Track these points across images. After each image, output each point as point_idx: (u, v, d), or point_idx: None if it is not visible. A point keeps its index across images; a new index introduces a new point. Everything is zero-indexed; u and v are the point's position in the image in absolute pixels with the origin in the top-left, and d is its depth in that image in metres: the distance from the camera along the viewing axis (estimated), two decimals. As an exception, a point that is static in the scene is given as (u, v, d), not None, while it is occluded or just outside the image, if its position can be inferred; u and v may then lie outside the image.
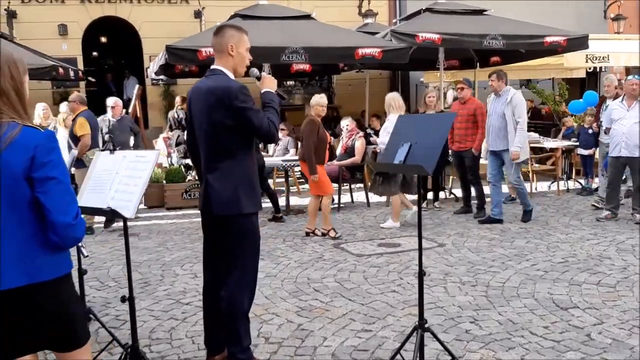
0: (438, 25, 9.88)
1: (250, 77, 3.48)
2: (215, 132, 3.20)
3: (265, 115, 3.21)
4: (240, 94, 3.13)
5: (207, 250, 3.45)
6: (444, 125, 3.17)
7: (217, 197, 3.21)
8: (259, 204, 3.37)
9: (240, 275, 3.28)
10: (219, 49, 3.30)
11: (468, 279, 5.12)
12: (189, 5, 14.25)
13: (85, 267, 5.74)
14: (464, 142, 7.84)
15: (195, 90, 3.34)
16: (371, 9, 14.63)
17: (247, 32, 3.39)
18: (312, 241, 6.64)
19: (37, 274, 2.00)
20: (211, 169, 3.25)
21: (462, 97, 7.95)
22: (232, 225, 3.24)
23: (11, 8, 13.11)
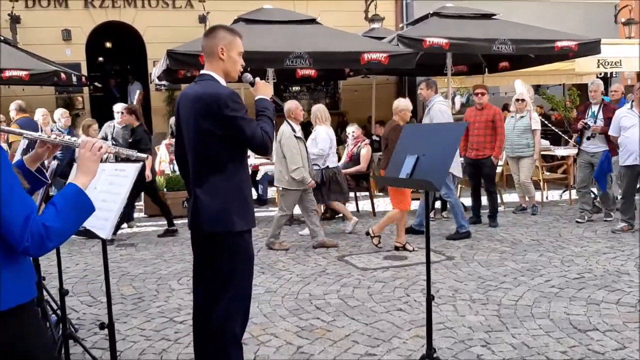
0: (446, 30, 9.65)
1: (244, 82, 3.23)
2: (204, 142, 2.94)
3: (258, 124, 2.96)
4: (230, 102, 2.87)
5: (197, 269, 3.18)
6: (454, 136, 2.90)
7: (206, 212, 2.95)
8: (253, 220, 3.09)
9: (231, 298, 3.01)
10: (208, 51, 3.05)
11: (478, 297, 4.84)
12: (194, 10, 14.06)
13: (77, 280, 5.58)
14: (483, 149, 7.57)
15: (183, 96, 3.09)
16: (378, 13, 14.42)
17: (240, 35, 3.13)
18: (315, 253, 6.39)
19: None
20: (200, 182, 3.00)
21: (481, 103, 7.66)
22: (222, 243, 2.97)
23: (15, 13, 12.95)
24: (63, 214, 1.82)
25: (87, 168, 1.99)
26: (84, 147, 2.00)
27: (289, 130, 6.54)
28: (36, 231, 1.75)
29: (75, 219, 1.88)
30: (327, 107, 15.53)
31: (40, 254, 1.80)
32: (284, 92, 15.29)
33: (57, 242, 1.81)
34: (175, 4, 14.06)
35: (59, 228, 1.79)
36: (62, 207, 1.83)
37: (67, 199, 1.87)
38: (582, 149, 7.64)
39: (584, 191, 7.71)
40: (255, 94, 3.15)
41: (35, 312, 1.94)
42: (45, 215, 1.79)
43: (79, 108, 13.98)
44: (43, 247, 1.77)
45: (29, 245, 1.74)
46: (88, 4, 13.60)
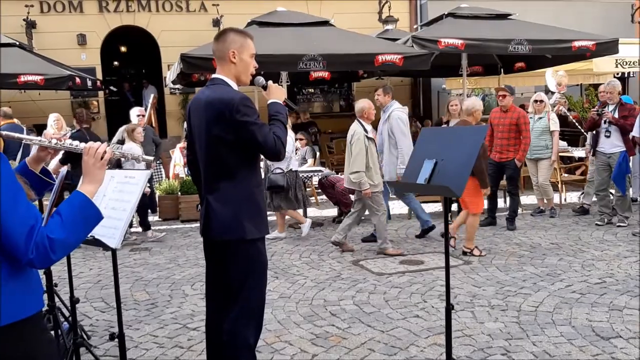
0: (461, 31, 9.53)
1: (256, 86, 3.16)
2: (215, 148, 2.87)
3: (270, 129, 2.88)
4: (241, 106, 2.80)
5: (209, 277, 3.11)
6: (475, 140, 2.80)
7: (218, 220, 2.88)
8: (265, 227, 3.01)
9: (244, 307, 2.94)
10: (219, 55, 2.98)
11: (497, 302, 4.74)
12: (208, 13, 14.07)
13: (91, 285, 5.55)
14: (506, 152, 7.45)
15: (194, 101, 3.02)
16: (392, 15, 14.32)
17: (252, 37, 3.05)
18: (330, 258, 6.31)
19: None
20: (211, 188, 2.93)
21: (504, 105, 7.54)
22: (234, 251, 2.90)
23: (30, 18, 13.04)
24: (68, 224, 1.75)
25: (92, 176, 1.92)
26: (87, 154, 1.92)
27: (360, 131, 6.32)
28: (41, 243, 1.68)
29: (81, 230, 1.81)
30: (341, 109, 15.63)
31: (45, 266, 1.74)
32: (298, 94, 15.25)
33: (62, 254, 1.74)
34: (189, 8, 14.09)
35: (64, 239, 1.72)
36: (68, 217, 1.76)
37: (72, 208, 1.80)
38: (598, 151, 7.50)
39: (602, 194, 7.57)
40: (267, 97, 3.08)
41: (43, 324, 1.89)
42: (50, 226, 1.72)
43: (94, 112, 14.04)
44: (48, 259, 1.70)
45: (34, 257, 1.68)
46: (103, 9, 13.67)
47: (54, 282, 3.99)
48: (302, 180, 7.73)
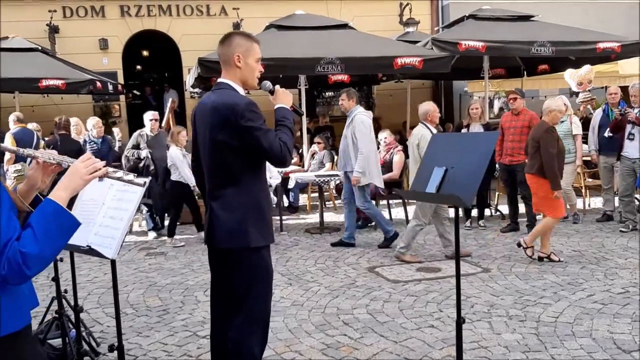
0: (482, 33, 9.41)
1: (263, 91, 3.10)
2: (220, 153, 2.81)
3: (276, 135, 2.81)
4: (247, 112, 2.73)
5: (214, 285, 3.06)
6: (486, 147, 2.69)
7: (222, 227, 2.82)
8: (271, 235, 2.94)
9: (248, 316, 2.87)
10: (224, 59, 2.92)
11: (516, 313, 4.59)
12: (228, 17, 14.07)
13: (104, 290, 5.54)
14: (517, 155, 7.33)
15: (200, 106, 2.97)
16: (413, 17, 14.20)
17: (258, 41, 2.99)
18: (345, 264, 6.21)
19: None
20: (215, 195, 2.87)
21: (515, 108, 7.42)
22: (238, 259, 2.84)
23: (53, 23, 13.18)
24: (41, 236, 1.65)
25: (72, 183, 1.80)
26: (83, 161, 1.83)
27: (428, 134, 6.18)
28: (13, 259, 1.60)
29: (56, 240, 1.70)
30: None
31: (20, 282, 1.66)
32: (317, 97, 15.18)
33: (38, 268, 1.66)
34: (209, 12, 14.12)
35: (37, 253, 1.63)
36: (40, 229, 1.66)
37: (45, 219, 1.69)
38: (623, 155, 7.31)
39: (627, 199, 7.37)
40: (274, 102, 3.01)
41: (30, 338, 1.82)
42: (22, 240, 1.64)
43: (116, 116, 14.16)
44: (22, 275, 1.62)
45: (5, 274, 1.60)
46: (124, 13, 13.77)
47: (64, 289, 3.98)
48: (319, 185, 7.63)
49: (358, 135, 6.65)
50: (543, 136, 5.95)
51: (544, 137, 5.94)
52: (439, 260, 6.27)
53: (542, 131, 6.01)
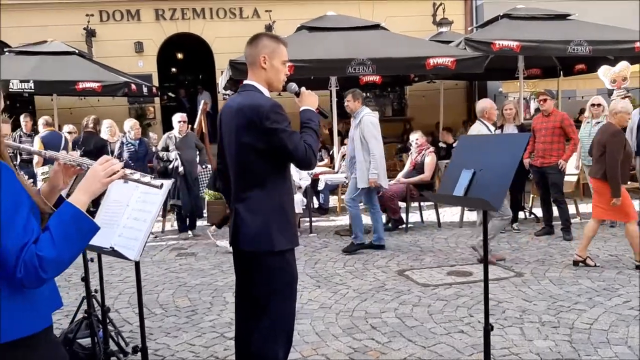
0: (517, 32, 9.24)
1: (288, 92, 3.08)
2: (245, 156, 2.80)
3: (301, 137, 2.78)
4: (272, 113, 2.71)
5: (238, 288, 3.05)
6: (516, 148, 2.61)
7: (246, 230, 2.81)
8: (295, 239, 2.92)
9: (272, 320, 2.85)
10: (251, 61, 2.91)
11: (549, 319, 4.47)
12: (260, 19, 14.14)
13: (135, 290, 5.58)
14: (549, 157, 7.18)
15: (226, 108, 2.96)
16: (446, 17, 14.03)
17: (285, 43, 2.97)
18: (375, 267, 6.15)
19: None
20: (240, 197, 2.86)
21: (545, 110, 7.27)
22: (262, 263, 2.82)
23: (90, 27, 13.45)
24: (59, 240, 1.65)
25: (91, 187, 1.80)
26: (101, 164, 1.83)
27: (485, 131, 6.13)
28: (30, 262, 1.60)
29: (75, 244, 1.70)
30: (393, 113, 15.41)
31: (36, 286, 1.65)
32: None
33: (55, 272, 1.66)
34: (242, 14, 14.21)
35: (54, 257, 1.63)
36: (58, 232, 1.66)
37: (63, 223, 1.69)
38: None
39: None
40: (300, 104, 2.99)
41: (50, 341, 1.82)
42: (39, 244, 1.63)
43: (150, 118, 14.36)
44: (38, 278, 1.62)
45: (22, 277, 1.60)
46: (159, 17, 13.96)
47: (95, 288, 4.03)
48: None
49: (368, 137, 6.63)
50: (610, 140, 5.63)
51: (611, 141, 5.62)
52: (471, 264, 6.16)
53: (609, 134, 5.70)
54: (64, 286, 5.77)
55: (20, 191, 1.67)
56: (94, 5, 13.49)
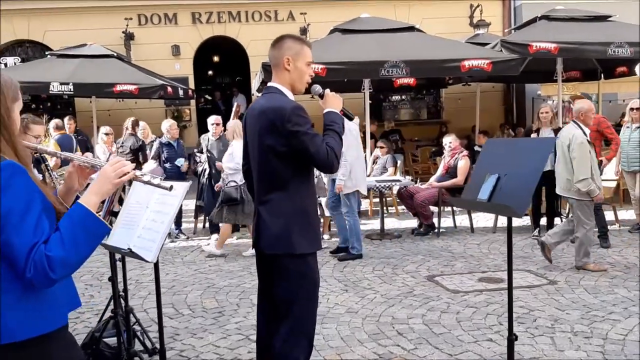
0: (555, 34, 9.02)
1: (312, 95, 3.06)
2: (267, 158, 2.80)
3: (323, 140, 2.76)
4: (294, 116, 2.70)
5: (260, 291, 3.05)
6: (541, 154, 2.53)
7: (267, 232, 2.81)
8: (317, 242, 2.90)
9: (292, 325, 2.83)
10: (274, 62, 2.91)
11: (581, 329, 4.33)
12: (295, 22, 14.19)
13: (165, 290, 5.65)
14: None
15: (250, 110, 2.98)
16: (483, 18, 13.83)
17: (309, 45, 2.95)
18: (404, 272, 6.08)
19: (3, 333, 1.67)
20: (263, 200, 2.86)
21: None
22: (283, 266, 2.81)
23: (129, 30, 13.71)
24: (68, 241, 1.66)
25: (102, 188, 1.81)
26: (111, 165, 1.84)
27: (580, 134, 5.87)
28: (39, 262, 1.62)
29: (83, 245, 1.70)
30: (428, 116, 15.25)
31: (46, 285, 1.67)
32: (383, 101, 15.04)
33: (63, 273, 1.66)
34: (277, 17, 14.29)
35: (62, 258, 1.64)
36: (67, 233, 1.67)
37: (73, 224, 1.70)
38: None
39: None
40: (324, 106, 2.96)
41: (65, 341, 1.84)
42: (49, 244, 1.65)
43: (186, 120, 14.55)
44: (47, 278, 1.63)
45: (32, 276, 1.62)
46: (195, 20, 14.14)
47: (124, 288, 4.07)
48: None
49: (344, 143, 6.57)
50: None
51: None
52: (503, 271, 6.02)
53: None
54: (96, 285, 5.88)
55: (32, 192, 1.69)
56: (133, 9, 13.75)
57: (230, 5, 14.09)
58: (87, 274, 6.31)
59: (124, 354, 3.44)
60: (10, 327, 1.67)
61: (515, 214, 2.35)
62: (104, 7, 13.50)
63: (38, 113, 11.58)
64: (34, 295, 1.71)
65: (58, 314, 1.80)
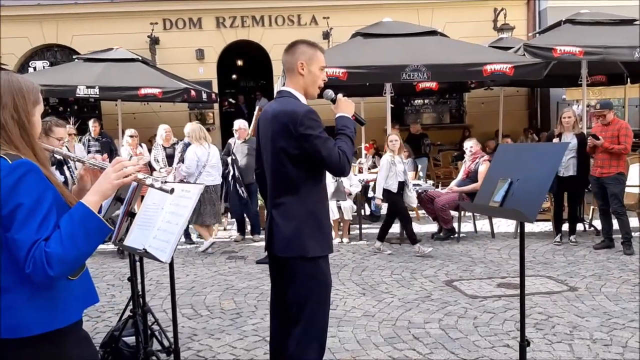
0: (579, 37, 8.93)
1: (325, 99, 3.09)
2: (280, 162, 2.83)
3: (335, 144, 2.78)
4: (306, 119, 2.73)
5: (273, 294, 3.08)
6: (554, 159, 2.53)
7: (279, 235, 2.84)
8: (328, 246, 2.91)
9: (305, 327, 2.85)
10: (288, 67, 2.95)
11: (601, 336, 4.28)
12: (318, 26, 14.23)
13: (184, 291, 5.72)
14: (608, 167, 6.90)
15: (263, 114, 3.01)
16: (507, 22, 13.71)
17: (322, 50, 2.99)
18: (422, 276, 6.06)
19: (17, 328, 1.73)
20: (276, 203, 2.89)
21: (605, 119, 7.01)
22: (294, 268, 2.84)
23: (154, 35, 13.89)
24: (66, 238, 1.70)
25: (102, 188, 1.84)
26: (113, 166, 1.88)
27: None
28: (38, 258, 1.66)
29: (82, 243, 1.73)
30: (450, 121, 15.14)
31: (45, 282, 1.70)
32: (406, 105, 15.00)
33: (62, 270, 1.69)
34: (300, 21, 14.34)
35: (60, 254, 1.67)
36: (66, 231, 1.71)
37: (72, 221, 1.74)
38: None
39: None
40: (336, 111, 2.99)
41: (78, 337, 1.89)
42: (49, 241, 1.69)
43: (210, 123, 14.67)
44: (45, 275, 1.66)
45: (30, 272, 1.66)
46: (219, 25, 14.26)
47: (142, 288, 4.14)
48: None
49: None
50: None
51: None
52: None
53: None
54: (117, 285, 5.98)
55: (44, 189, 1.74)
56: (159, 14, 13.93)
57: (253, 9, 14.18)
58: (109, 274, 6.43)
59: (141, 353, 3.50)
60: (25, 321, 1.73)
61: (527, 218, 2.35)
62: (130, 12, 13.71)
63: (65, 116, 11.81)
64: (44, 292, 1.76)
65: (73, 309, 1.85)
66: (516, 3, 14.53)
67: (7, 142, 1.79)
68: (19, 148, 1.80)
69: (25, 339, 1.74)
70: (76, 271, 1.85)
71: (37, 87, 1.91)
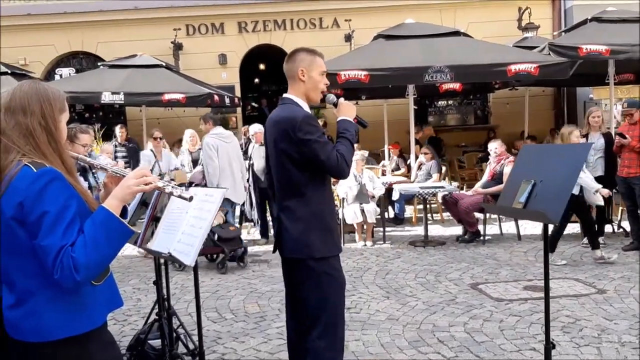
0: (606, 36, 8.79)
1: (327, 104, 3.13)
2: (283, 166, 2.92)
3: (334, 147, 2.85)
4: (304, 125, 2.81)
5: (287, 296, 3.13)
6: (577, 159, 2.49)
7: (287, 237, 2.92)
8: (337, 246, 2.99)
9: (323, 328, 2.90)
10: (290, 75, 3.03)
11: (629, 339, 4.20)
12: (340, 29, 14.23)
13: (209, 295, 5.76)
14: (635, 167, 6.78)
15: (268, 121, 3.10)
16: (532, 21, 13.54)
17: (321, 55, 3.06)
18: (447, 279, 6.01)
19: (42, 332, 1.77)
20: (283, 206, 2.97)
21: (632, 118, 6.89)
22: (304, 270, 2.90)
23: (178, 41, 14.04)
24: (90, 243, 1.73)
25: (122, 194, 1.87)
26: (134, 173, 1.92)
27: None
28: (66, 263, 1.70)
29: (104, 247, 1.76)
30: (475, 121, 15.00)
31: (72, 287, 1.74)
32: (429, 107, 14.91)
33: (87, 274, 1.73)
34: (322, 24, 14.35)
35: (86, 260, 1.71)
36: (90, 235, 1.75)
37: (94, 226, 1.77)
38: None
39: None
40: (337, 114, 3.06)
41: (102, 340, 1.92)
42: (74, 246, 1.73)
43: (233, 127, 14.78)
44: (73, 280, 1.70)
45: (58, 278, 1.70)
46: (242, 29, 14.36)
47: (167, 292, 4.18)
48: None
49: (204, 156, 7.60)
50: None
51: None
52: (550, 279, 5.87)
53: None
54: (143, 288, 6.04)
55: (69, 197, 1.78)
56: (182, 20, 14.07)
57: (275, 14, 14.25)
58: (135, 277, 6.50)
59: (167, 355, 3.54)
60: (49, 325, 1.77)
61: (550, 220, 2.31)
62: (154, 19, 13.88)
63: (91, 122, 12.00)
64: (69, 297, 1.80)
65: (97, 313, 1.89)
66: (541, 2, 14.34)
67: (34, 149, 1.83)
68: (46, 155, 1.84)
69: (49, 343, 1.77)
70: (100, 276, 1.88)
71: (63, 95, 1.96)
